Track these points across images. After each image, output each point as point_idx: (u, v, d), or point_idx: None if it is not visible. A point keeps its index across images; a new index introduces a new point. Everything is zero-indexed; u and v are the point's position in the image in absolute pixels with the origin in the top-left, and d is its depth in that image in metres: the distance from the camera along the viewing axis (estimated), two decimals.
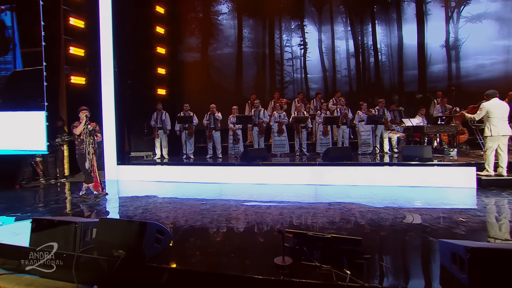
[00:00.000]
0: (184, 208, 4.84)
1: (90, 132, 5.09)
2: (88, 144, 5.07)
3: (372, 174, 6.19)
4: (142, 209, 4.82)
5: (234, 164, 7.32)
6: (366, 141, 8.72)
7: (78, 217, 3.61)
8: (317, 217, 4.14)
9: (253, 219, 4.14)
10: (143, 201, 5.39)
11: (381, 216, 4.09)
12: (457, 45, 10.44)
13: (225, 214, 4.40)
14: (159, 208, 4.84)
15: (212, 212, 4.55)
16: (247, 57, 11.22)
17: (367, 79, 10.99)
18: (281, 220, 4.07)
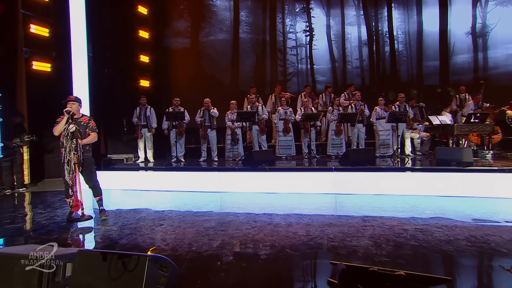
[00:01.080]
0: (184, 226, 4.21)
1: (73, 134, 4.32)
2: (69, 150, 4.33)
3: (401, 181, 5.72)
4: (130, 228, 4.17)
5: (235, 169, 6.72)
6: (385, 142, 8.28)
7: (44, 245, 2.93)
8: (356, 238, 3.61)
9: (276, 243, 3.56)
10: (129, 217, 4.73)
11: (436, 236, 3.59)
12: (485, 32, 10.15)
13: (238, 235, 3.81)
14: (152, 227, 4.21)
15: (220, 232, 3.95)
16: (245, 45, 10.64)
17: (382, 70, 10.61)
18: (312, 243, 3.52)
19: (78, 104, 4.52)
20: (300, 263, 3.12)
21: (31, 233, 4.08)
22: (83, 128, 4.47)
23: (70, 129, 4.24)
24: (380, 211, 4.75)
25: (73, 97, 4.52)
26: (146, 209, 5.18)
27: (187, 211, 5.01)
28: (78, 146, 4.29)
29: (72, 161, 4.27)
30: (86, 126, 4.50)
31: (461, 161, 5.93)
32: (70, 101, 4.44)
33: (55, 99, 8.47)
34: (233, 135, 8.41)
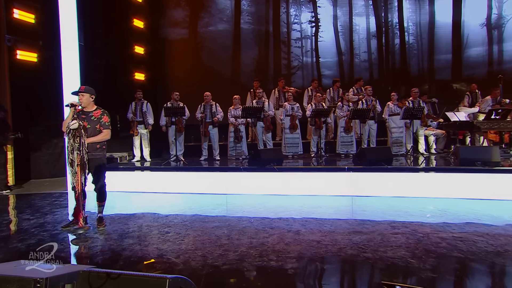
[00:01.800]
0: (193, 234, 3.87)
1: (75, 131, 3.83)
2: (71, 150, 3.91)
3: (424, 182, 5.45)
4: (132, 237, 3.81)
5: (242, 169, 6.38)
6: (398, 140, 8.01)
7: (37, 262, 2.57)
8: (390, 249, 3.30)
9: (301, 253, 3.24)
10: (129, 223, 4.37)
11: (481, 247, 3.30)
12: (501, 24, 9.93)
13: (256, 245, 3.48)
14: (157, 236, 3.85)
15: (235, 240, 3.61)
16: (247, 36, 10.27)
17: (391, 64, 10.34)
18: (342, 254, 3.20)
19: (89, 96, 4.06)
20: (335, 278, 2.81)
21: (18, 244, 3.69)
22: (93, 124, 4.04)
23: (71, 125, 3.83)
24: (406, 216, 4.47)
25: (83, 87, 4.09)
26: (148, 214, 4.81)
27: (193, 216, 4.66)
28: (82, 145, 3.89)
29: (75, 162, 3.87)
30: (97, 121, 4.06)
31: (487, 160, 5.67)
32: (79, 93, 4.02)
33: (43, 92, 8.09)
34: (236, 132, 8.06)
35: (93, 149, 4.02)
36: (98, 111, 4.08)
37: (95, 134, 4.03)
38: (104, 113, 4.11)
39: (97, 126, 4.03)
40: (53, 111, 7.98)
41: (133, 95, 8.09)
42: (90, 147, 3.99)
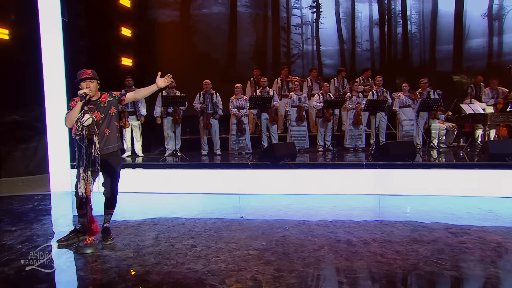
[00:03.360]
0: (226, 247, 3.19)
1: (89, 128, 3.02)
2: (86, 151, 3.04)
3: (460, 180, 5.04)
4: (153, 254, 3.07)
5: (254, 166, 5.73)
6: (409, 133, 7.63)
7: None
8: (473, 263, 2.81)
9: (372, 272, 2.67)
10: (141, 233, 3.61)
11: None
12: (502, 15, 9.79)
13: (311, 260, 2.86)
14: (182, 250, 3.14)
15: (281, 255, 2.98)
16: (244, 20, 9.51)
17: (393, 54, 9.97)
18: (421, 272, 2.66)
19: (97, 82, 3.27)
20: None
21: (4, 269, 2.87)
22: (105, 111, 3.26)
23: (84, 121, 3.01)
24: (456, 218, 4.01)
25: (89, 71, 3.24)
26: (159, 221, 4.07)
27: (214, 222, 3.97)
28: (95, 145, 3.09)
29: (89, 165, 3.06)
30: (109, 105, 3.28)
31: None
32: (87, 79, 3.19)
33: (16, 76, 6.99)
34: (239, 125, 7.37)
35: (110, 141, 3.26)
36: (104, 95, 3.31)
37: (111, 122, 3.27)
38: (110, 92, 3.35)
39: (110, 111, 3.26)
40: (29, 98, 6.94)
41: (121, 82, 7.18)
42: (108, 139, 3.23)
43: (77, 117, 3.06)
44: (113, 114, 3.30)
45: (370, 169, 5.24)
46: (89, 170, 3.09)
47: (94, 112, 3.14)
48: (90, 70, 3.23)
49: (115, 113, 3.33)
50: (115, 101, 3.31)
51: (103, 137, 3.22)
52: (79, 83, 3.22)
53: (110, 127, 3.27)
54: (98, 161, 3.11)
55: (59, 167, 5.68)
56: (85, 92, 3.07)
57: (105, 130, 3.24)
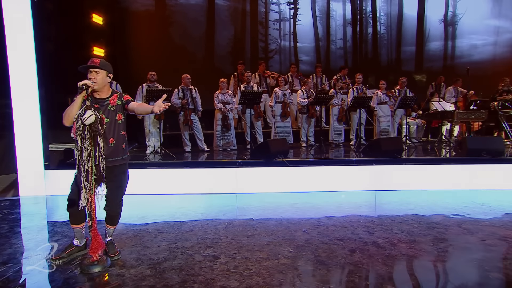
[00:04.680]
0: (252, 257, 2.79)
1: (92, 127, 2.44)
2: (87, 155, 2.42)
3: (441, 174, 5.07)
4: (173, 270, 2.58)
5: (250, 164, 5.34)
6: (385, 129, 7.70)
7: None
8: (507, 261, 2.72)
9: (416, 276, 2.46)
10: (148, 243, 3.08)
11: None
12: (455, 21, 10.26)
13: (350, 268, 2.58)
14: (207, 264, 2.69)
15: (318, 264, 2.67)
16: (221, 13, 8.94)
17: (364, 53, 10.03)
18: (457, 273, 2.50)
19: (106, 74, 2.63)
20: None
21: None
22: (112, 116, 2.62)
23: (85, 119, 2.39)
24: (460, 213, 3.98)
25: (98, 60, 2.60)
26: (163, 227, 3.53)
27: (226, 227, 3.53)
28: (99, 148, 2.48)
29: (92, 172, 2.46)
30: (116, 111, 2.64)
31: (492, 150, 5.54)
32: (91, 68, 2.55)
33: None
34: (224, 120, 6.91)
35: (116, 153, 2.66)
36: (114, 96, 2.67)
37: (117, 131, 2.66)
38: (121, 93, 2.73)
39: (117, 117, 2.64)
40: None
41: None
42: (113, 151, 2.62)
43: (77, 113, 2.45)
44: (120, 122, 2.67)
45: (367, 165, 5.10)
46: (92, 177, 2.51)
47: (98, 112, 2.53)
48: (99, 59, 2.61)
49: (123, 121, 2.69)
50: (121, 107, 2.67)
51: (108, 148, 2.60)
52: (86, 72, 2.60)
53: (116, 136, 2.64)
54: (103, 167, 2.53)
55: (30, 169, 4.82)
56: (85, 83, 2.46)
57: (110, 139, 2.61)
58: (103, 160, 2.51)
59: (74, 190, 2.66)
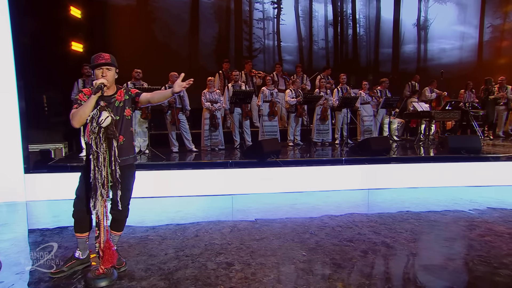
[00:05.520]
0: (268, 263, 2.67)
1: (107, 130, 2.22)
2: (103, 159, 2.21)
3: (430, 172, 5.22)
4: (188, 280, 2.42)
5: (243, 164, 5.21)
6: (368, 128, 7.82)
7: None
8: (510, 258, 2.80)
9: (433, 276, 2.46)
10: (156, 252, 2.87)
11: None
12: (426, 26, 10.67)
13: (368, 271, 2.55)
14: (222, 273, 2.54)
15: (334, 266, 2.60)
16: (206, 11, 8.68)
17: (345, 54, 10.16)
18: (468, 271, 2.54)
19: (115, 70, 2.41)
20: None
21: None
22: (120, 113, 2.40)
23: (102, 121, 2.17)
24: (454, 211, 4.08)
25: (109, 56, 2.35)
26: (164, 232, 3.32)
27: (230, 229, 3.39)
28: (114, 154, 2.25)
29: (107, 179, 2.22)
30: (124, 107, 2.42)
31: (471, 148, 5.78)
32: (104, 65, 2.31)
33: None
34: (212, 119, 6.69)
35: (126, 151, 2.45)
36: (120, 91, 2.45)
37: (126, 127, 2.45)
38: (127, 89, 2.52)
39: (126, 113, 2.43)
40: None
41: (72, 70, 6.00)
42: (123, 149, 2.41)
43: (90, 115, 2.22)
44: (129, 118, 2.47)
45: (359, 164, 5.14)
46: (108, 183, 2.29)
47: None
48: (109, 55, 2.37)
49: (131, 116, 2.49)
50: (130, 101, 2.46)
51: (118, 147, 2.37)
52: (93, 70, 2.36)
53: (125, 133, 2.44)
54: (118, 172, 2.32)
55: (8, 173, 4.39)
56: (102, 82, 2.24)
57: (120, 137, 2.39)
58: (118, 165, 2.30)
59: (81, 196, 2.43)
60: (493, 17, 11.50)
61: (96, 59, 2.37)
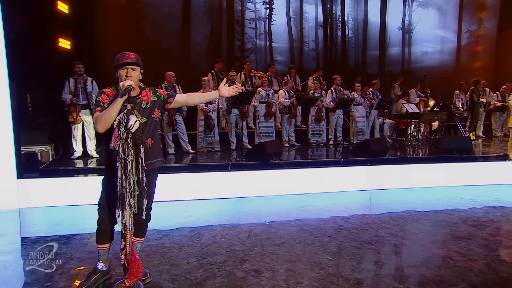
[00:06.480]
0: (294, 268, 2.61)
1: (134, 135, 2.07)
2: (131, 169, 2.06)
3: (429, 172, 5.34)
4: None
5: (247, 166, 5.12)
6: (361, 129, 7.93)
7: None
8: None
9: (456, 278, 2.50)
10: (177, 260, 2.73)
11: None
12: (410, 29, 10.98)
13: (397, 274, 2.55)
14: (251, 280, 2.45)
15: (364, 271, 2.58)
16: (198, 9, 8.48)
17: (334, 55, 10.27)
18: (493, 272, 2.60)
19: (140, 70, 2.25)
20: None
21: None
22: (147, 114, 2.24)
23: (131, 127, 2.02)
24: (460, 210, 4.19)
25: (134, 55, 2.19)
26: (179, 238, 3.19)
27: (247, 234, 3.30)
28: (142, 160, 2.11)
29: (135, 187, 2.08)
30: (152, 107, 2.27)
31: (462, 148, 5.99)
32: (129, 65, 2.15)
33: None
34: (207, 121, 6.55)
35: (154, 154, 2.31)
36: (145, 92, 2.30)
37: (154, 130, 2.31)
38: (154, 89, 2.38)
39: (154, 115, 2.29)
40: None
41: (57, 67, 5.72)
42: (151, 153, 2.27)
43: (117, 119, 2.07)
44: (157, 119, 2.32)
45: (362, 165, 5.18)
46: (135, 192, 2.15)
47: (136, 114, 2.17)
48: (134, 54, 2.22)
49: (159, 118, 2.36)
50: (160, 102, 2.32)
51: (146, 150, 2.23)
52: (117, 70, 2.20)
53: (153, 135, 2.30)
54: (145, 180, 2.19)
55: None
56: (130, 84, 2.09)
57: (148, 140, 2.25)
58: (144, 173, 2.16)
59: (104, 206, 2.27)
60: (469, 23, 12.00)
61: (121, 58, 2.21)
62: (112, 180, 2.20)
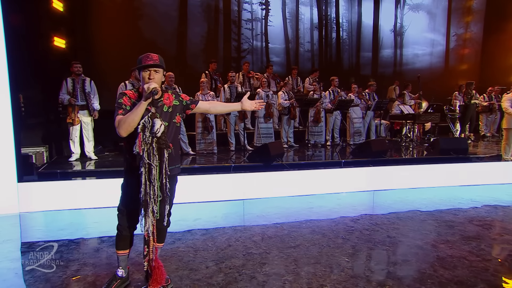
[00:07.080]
0: (314, 271, 2.60)
1: (159, 140, 2.01)
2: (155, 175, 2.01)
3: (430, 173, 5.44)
4: None
5: (250, 168, 5.09)
6: (358, 130, 8.01)
7: None
8: None
9: (473, 278, 2.54)
10: (195, 265, 2.68)
11: None
12: (402, 32, 11.18)
13: (420, 277, 2.58)
14: (274, 283, 2.43)
15: (388, 274, 2.60)
16: (194, 9, 8.38)
17: (329, 56, 10.35)
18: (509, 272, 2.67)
19: (163, 72, 2.18)
20: None
21: None
22: (169, 118, 2.17)
23: (158, 131, 1.96)
24: (463, 209, 4.28)
25: (157, 57, 2.13)
26: (193, 242, 3.13)
27: (260, 236, 3.27)
28: (166, 165, 2.05)
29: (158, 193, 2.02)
30: (174, 111, 2.20)
31: (459, 149, 6.12)
32: (152, 67, 2.07)
33: None
34: (205, 122, 6.48)
35: (174, 160, 2.25)
36: (167, 95, 2.22)
37: (175, 135, 2.24)
38: (176, 93, 2.31)
39: (176, 120, 2.22)
40: None
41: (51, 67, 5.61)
42: (173, 157, 2.20)
43: (141, 123, 2.01)
44: (178, 124, 2.26)
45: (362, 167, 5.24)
46: (158, 198, 2.09)
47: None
48: (157, 55, 2.15)
49: (181, 123, 2.30)
50: (182, 108, 2.27)
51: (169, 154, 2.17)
52: (139, 72, 2.13)
53: (173, 141, 2.22)
54: (168, 186, 2.14)
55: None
56: (155, 87, 2.03)
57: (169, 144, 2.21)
58: (167, 179, 2.11)
59: (124, 211, 2.21)
60: (457, 26, 12.32)
61: (144, 59, 2.15)
62: (132, 185, 2.15)
